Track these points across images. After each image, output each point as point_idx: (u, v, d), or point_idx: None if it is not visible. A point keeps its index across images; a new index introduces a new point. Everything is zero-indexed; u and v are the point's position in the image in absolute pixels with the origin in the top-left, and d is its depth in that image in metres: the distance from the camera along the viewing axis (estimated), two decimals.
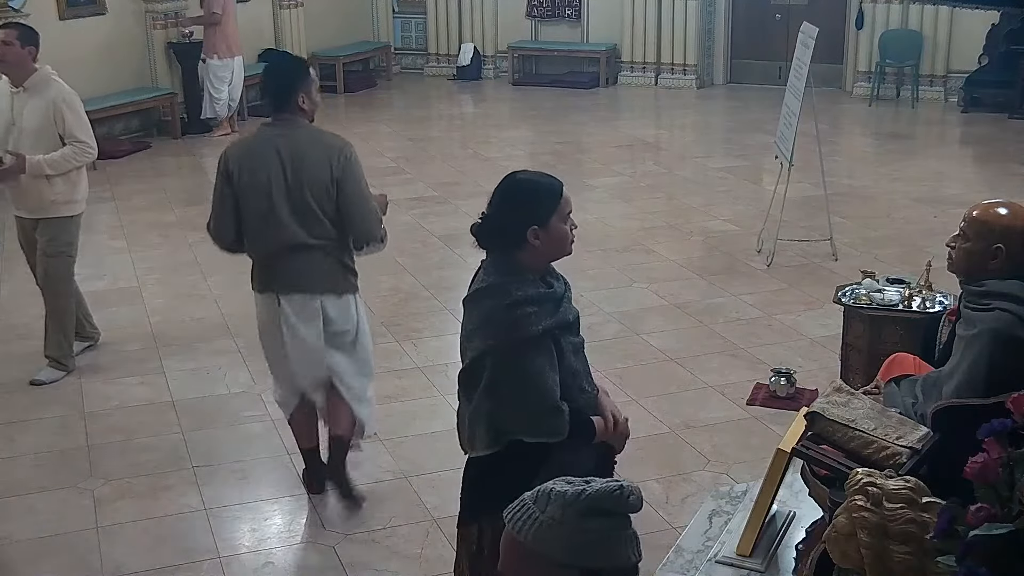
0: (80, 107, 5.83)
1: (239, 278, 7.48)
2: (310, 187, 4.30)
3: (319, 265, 4.39)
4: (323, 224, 4.35)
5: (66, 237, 5.92)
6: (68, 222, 5.91)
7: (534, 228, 2.89)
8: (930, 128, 12.60)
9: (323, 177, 4.34)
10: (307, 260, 4.35)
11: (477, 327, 2.89)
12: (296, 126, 4.39)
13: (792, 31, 10.20)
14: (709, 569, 3.59)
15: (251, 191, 4.29)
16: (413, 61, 16.25)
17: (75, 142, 5.73)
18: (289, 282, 4.37)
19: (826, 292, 6.44)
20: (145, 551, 4.39)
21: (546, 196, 2.94)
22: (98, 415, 5.57)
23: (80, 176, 5.91)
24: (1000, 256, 3.31)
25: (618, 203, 9.30)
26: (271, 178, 4.27)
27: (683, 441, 5.20)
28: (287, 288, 4.39)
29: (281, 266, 4.36)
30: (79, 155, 5.78)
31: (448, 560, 3.83)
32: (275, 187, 4.27)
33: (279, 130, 4.37)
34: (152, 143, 11.75)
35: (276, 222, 4.28)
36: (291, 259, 4.33)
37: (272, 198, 4.27)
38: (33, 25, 6.13)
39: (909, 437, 3.13)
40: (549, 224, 2.91)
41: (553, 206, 2.92)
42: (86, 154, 5.83)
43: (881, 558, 2.66)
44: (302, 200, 4.29)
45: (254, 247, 4.39)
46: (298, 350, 4.43)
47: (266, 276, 4.43)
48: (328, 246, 4.41)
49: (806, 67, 7.51)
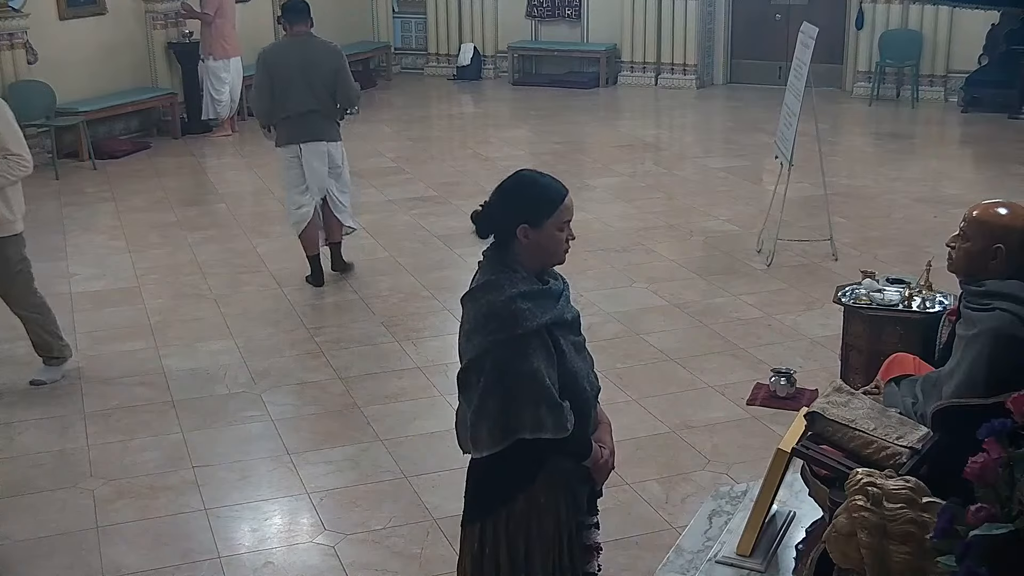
0: (11, 117, 5.44)
1: (239, 278, 7.55)
2: (318, 75, 6.92)
3: (322, 122, 7.06)
4: (324, 97, 7.00)
5: (13, 257, 5.60)
6: (7, 244, 5.55)
7: (524, 226, 2.88)
8: (930, 128, 12.61)
9: (326, 69, 6.95)
10: (315, 119, 7.02)
11: (474, 326, 2.89)
12: (309, 37, 7.08)
13: (792, 31, 10.20)
14: (709, 569, 3.59)
15: (280, 77, 6.92)
16: (413, 61, 16.25)
17: (8, 155, 5.35)
18: (307, 134, 7.03)
19: (826, 292, 6.44)
20: (145, 551, 4.40)
21: (546, 198, 2.92)
22: (98, 415, 5.58)
23: (15, 193, 5.51)
24: (1000, 256, 3.30)
25: (618, 203, 9.30)
26: (292, 69, 6.89)
27: (683, 441, 5.20)
28: (306, 138, 7.03)
29: (300, 124, 7.00)
30: (12, 169, 5.38)
31: (448, 560, 3.84)
32: (295, 74, 6.89)
33: (298, 40, 7.05)
34: (152, 143, 11.75)
35: (296, 95, 6.92)
36: (306, 119, 6.98)
37: (292, 81, 6.88)
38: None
39: (909, 437, 3.13)
40: (542, 227, 2.89)
41: (551, 210, 2.91)
42: (21, 167, 5.41)
43: (881, 558, 2.66)
44: (312, 83, 6.91)
45: (283, 111, 6.97)
46: (313, 177, 7.09)
47: (289, 132, 7.04)
48: (327, 110, 7.07)
49: (806, 67, 7.51)
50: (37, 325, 5.88)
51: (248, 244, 8.30)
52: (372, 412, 5.56)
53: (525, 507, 2.95)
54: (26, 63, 10.47)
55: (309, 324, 6.70)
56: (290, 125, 7.02)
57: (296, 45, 7.00)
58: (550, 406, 2.84)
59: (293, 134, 7.03)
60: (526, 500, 2.95)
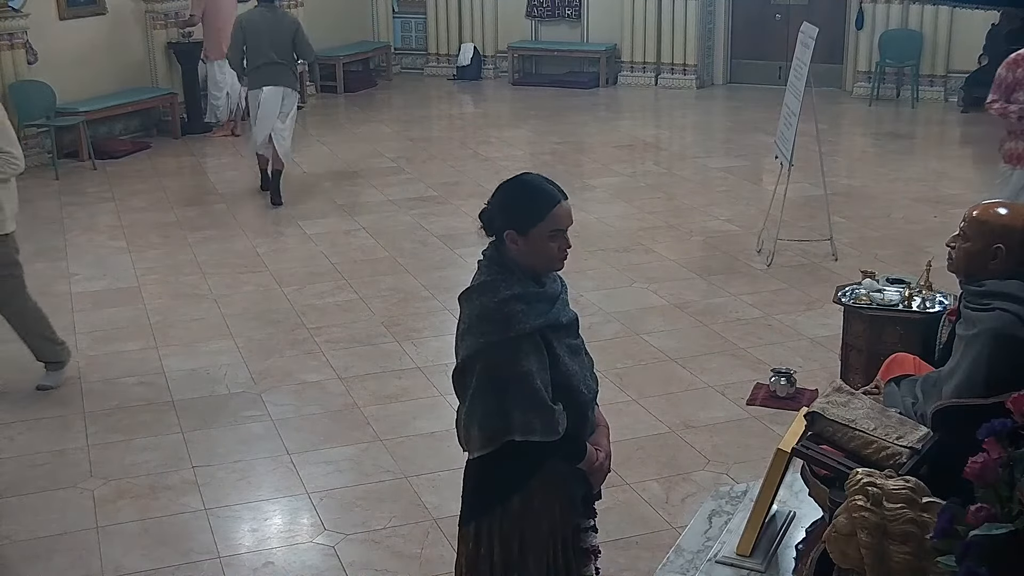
0: (3, 116, 5.36)
1: (239, 278, 7.55)
2: (279, 36, 9.06)
3: (284, 73, 9.18)
4: (284, 52, 9.11)
5: (3, 259, 5.50)
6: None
7: (511, 232, 2.87)
8: (930, 128, 12.61)
9: (285, 32, 9.12)
10: (277, 70, 9.13)
11: (468, 327, 2.89)
12: (274, 8, 9.38)
13: (792, 31, 10.20)
14: (709, 569, 3.59)
15: (252, 35, 9.06)
16: (413, 61, 16.25)
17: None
18: (269, 80, 9.13)
19: (826, 292, 6.44)
20: (145, 551, 4.40)
21: (533, 206, 2.87)
22: (98, 415, 5.58)
23: (8, 192, 5.44)
24: (1000, 256, 3.30)
25: (618, 203, 9.30)
26: (260, 31, 9.03)
27: (683, 441, 5.20)
28: (268, 83, 9.13)
29: (265, 72, 9.10)
30: (4, 167, 5.31)
31: (448, 560, 3.83)
32: (264, 35, 9.03)
33: (267, 9, 9.24)
34: (152, 143, 11.75)
35: (264, 51, 9.04)
36: (270, 69, 9.10)
37: (261, 39, 9.01)
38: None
39: (909, 437, 3.13)
40: (529, 234, 2.85)
41: (537, 218, 2.85)
42: (11, 165, 5.34)
43: (881, 558, 2.66)
44: (274, 41, 9.04)
45: (252, 63, 9.12)
46: (264, 112, 9.19)
47: (257, 78, 9.14)
48: (288, 64, 9.19)
49: (806, 67, 7.51)
50: (28, 331, 5.78)
51: (248, 244, 8.30)
52: (372, 412, 5.56)
53: (519, 508, 2.95)
54: (26, 63, 10.47)
55: (309, 324, 6.71)
56: (258, 73, 9.14)
57: (265, 12, 9.23)
58: (540, 409, 2.83)
59: (259, 80, 9.15)
60: (520, 501, 2.95)
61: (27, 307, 5.78)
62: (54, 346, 5.91)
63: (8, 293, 5.68)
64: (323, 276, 7.58)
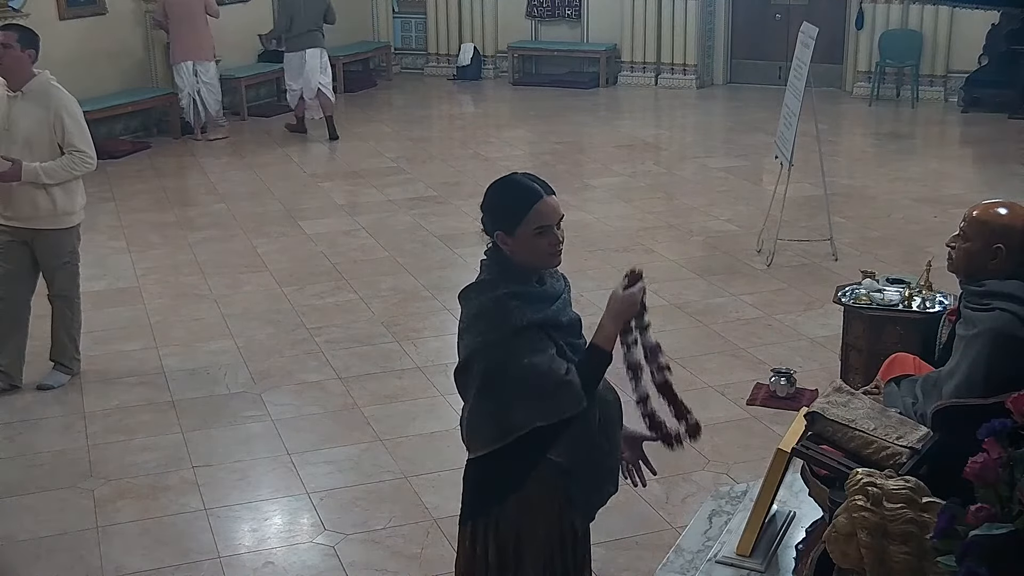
0: (81, 115, 5.65)
1: (239, 278, 7.55)
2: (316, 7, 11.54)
3: (318, 35, 11.60)
4: (319, 21, 11.58)
5: (67, 247, 5.78)
6: (65, 234, 5.74)
7: (500, 233, 2.87)
8: (930, 128, 12.61)
9: (321, 7, 11.59)
10: (315, 34, 11.57)
11: (466, 326, 2.89)
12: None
13: (792, 31, 10.20)
14: (709, 569, 3.59)
15: (294, 9, 11.50)
16: (413, 61, 16.25)
17: (74, 151, 5.54)
18: (309, 43, 11.54)
19: (826, 292, 6.44)
20: (145, 551, 4.40)
21: (513, 205, 2.84)
22: (98, 415, 5.58)
23: (78, 187, 5.73)
24: (1000, 256, 3.31)
25: (618, 203, 9.30)
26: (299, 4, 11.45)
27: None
28: (308, 45, 11.55)
29: (306, 36, 11.51)
30: (78, 165, 5.59)
31: (448, 560, 3.83)
32: (304, 8, 11.47)
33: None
34: (152, 143, 11.75)
35: (305, 19, 11.48)
36: (309, 34, 11.53)
37: (303, 11, 11.45)
38: (33, 25, 6.08)
39: (909, 437, 3.13)
40: (516, 233, 2.83)
41: (519, 217, 2.82)
42: (85, 164, 5.62)
43: (881, 558, 2.66)
44: (312, 12, 11.49)
45: (297, 30, 11.47)
46: (310, 70, 11.57)
47: (298, 42, 11.53)
48: (321, 28, 11.62)
49: (806, 67, 7.51)
50: (64, 323, 5.91)
51: (248, 244, 8.31)
52: (372, 412, 5.56)
53: (516, 508, 2.95)
54: None
55: (309, 324, 6.71)
56: (298, 39, 11.52)
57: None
58: (557, 386, 2.78)
59: (300, 43, 11.53)
60: (517, 501, 2.95)
61: (75, 301, 5.96)
62: (73, 351, 5.98)
63: (65, 281, 5.85)
64: (323, 276, 7.58)
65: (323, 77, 11.66)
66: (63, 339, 5.94)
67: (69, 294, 5.91)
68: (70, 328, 5.96)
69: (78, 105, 5.67)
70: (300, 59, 11.56)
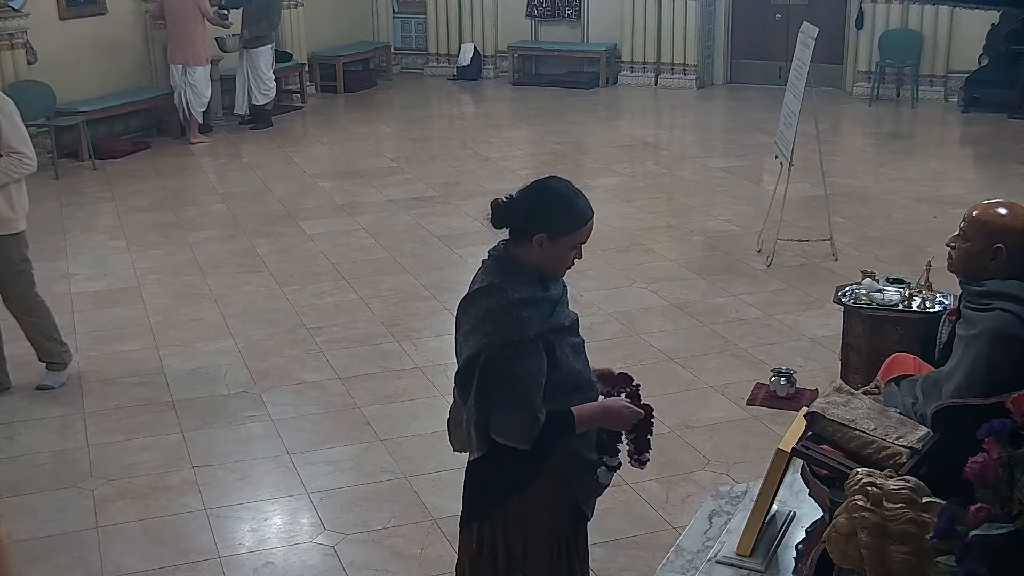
0: (17, 115, 5.44)
1: (239, 278, 7.55)
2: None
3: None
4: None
5: (16, 255, 5.58)
6: (11, 240, 5.52)
7: (542, 235, 2.88)
8: (930, 128, 12.60)
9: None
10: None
11: (472, 328, 2.89)
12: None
13: (792, 31, 10.20)
14: (709, 569, 3.59)
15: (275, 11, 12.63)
16: (413, 61, 16.25)
17: (11, 153, 5.33)
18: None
19: (826, 292, 6.44)
20: (145, 551, 4.39)
21: (571, 217, 2.91)
22: (98, 415, 5.58)
23: (19, 191, 5.49)
24: (1000, 256, 3.30)
25: (618, 203, 9.30)
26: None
27: (683, 441, 5.20)
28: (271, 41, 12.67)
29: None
30: (16, 167, 5.36)
31: (448, 560, 3.84)
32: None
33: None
34: (152, 143, 11.75)
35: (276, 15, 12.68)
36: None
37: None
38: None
39: (909, 437, 3.13)
40: (558, 241, 2.89)
41: (572, 229, 2.90)
42: (24, 166, 5.40)
43: (881, 558, 2.66)
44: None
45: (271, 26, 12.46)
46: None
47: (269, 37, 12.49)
48: None
49: (806, 67, 7.50)
50: (34, 329, 5.84)
51: (248, 244, 8.30)
52: (372, 412, 5.56)
53: (521, 509, 2.96)
54: (26, 63, 10.46)
55: (309, 324, 6.71)
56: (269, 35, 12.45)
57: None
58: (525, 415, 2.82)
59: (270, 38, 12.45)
60: (522, 501, 2.95)
61: (35, 305, 5.84)
62: (57, 346, 5.93)
63: (19, 290, 5.74)
64: (323, 276, 7.58)
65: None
66: (40, 341, 5.87)
67: (27, 304, 5.76)
68: (44, 329, 5.86)
69: (14, 105, 5.47)
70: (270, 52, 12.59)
